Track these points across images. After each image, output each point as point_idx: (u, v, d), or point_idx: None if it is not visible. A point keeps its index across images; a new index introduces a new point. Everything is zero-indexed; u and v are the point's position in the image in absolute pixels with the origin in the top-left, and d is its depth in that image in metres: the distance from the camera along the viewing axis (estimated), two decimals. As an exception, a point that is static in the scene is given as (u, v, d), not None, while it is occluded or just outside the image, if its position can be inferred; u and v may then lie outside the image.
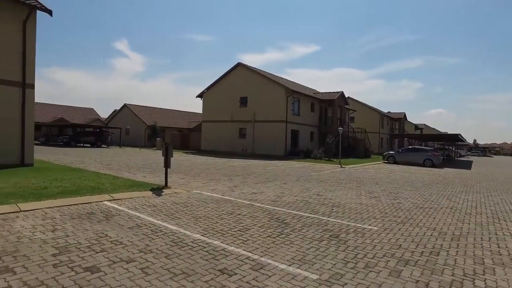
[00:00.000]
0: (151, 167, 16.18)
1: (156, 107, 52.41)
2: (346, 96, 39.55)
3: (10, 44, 12.78)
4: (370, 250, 5.18)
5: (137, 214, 6.70)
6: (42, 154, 21.48)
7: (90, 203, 7.45)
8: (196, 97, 35.82)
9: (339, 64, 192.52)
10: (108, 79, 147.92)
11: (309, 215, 7.39)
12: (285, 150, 29.86)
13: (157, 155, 26.15)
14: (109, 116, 54.92)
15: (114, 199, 7.93)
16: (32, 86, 13.43)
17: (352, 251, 5.11)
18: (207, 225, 6.14)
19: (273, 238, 5.59)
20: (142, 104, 50.37)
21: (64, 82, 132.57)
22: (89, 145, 38.54)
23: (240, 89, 32.78)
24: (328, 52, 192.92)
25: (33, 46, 13.41)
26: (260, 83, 31.68)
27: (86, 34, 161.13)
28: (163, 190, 9.39)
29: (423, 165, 26.31)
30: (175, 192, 9.29)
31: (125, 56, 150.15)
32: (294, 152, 30.44)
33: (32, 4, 13.07)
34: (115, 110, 53.29)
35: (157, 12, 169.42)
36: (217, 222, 6.38)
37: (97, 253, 4.51)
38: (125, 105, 48.32)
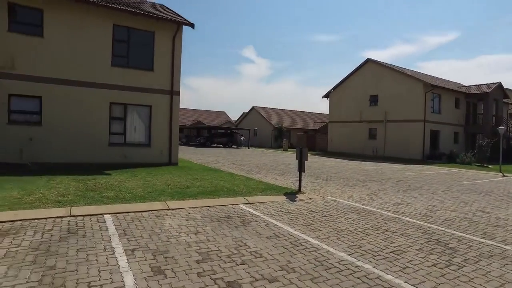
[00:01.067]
0: (280, 169, 16.18)
1: (282, 108, 53.79)
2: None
3: (165, 58, 14.51)
4: None
5: (274, 221, 6.36)
6: (184, 153, 24.14)
7: (227, 205, 7.52)
8: (323, 97, 35.05)
9: (486, 51, 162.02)
10: (236, 84, 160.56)
11: (482, 240, 5.77)
12: (422, 153, 26.34)
13: (284, 156, 26.44)
14: (238, 118, 59.08)
15: (249, 203, 7.85)
16: (177, 93, 15.00)
17: None
18: (352, 242, 5.31)
19: (441, 268, 4.39)
20: (268, 106, 52.42)
21: (200, 88, 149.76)
22: (221, 145, 42.02)
23: (369, 87, 30.52)
24: (471, 38, 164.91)
25: (179, 58, 14.94)
26: (393, 79, 28.79)
27: (217, 44, 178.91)
28: (296, 195, 8.97)
29: None
30: (310, 198, 8.73)
31: (252, 61, 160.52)
32: (434, 155, 26.57)
33: (180, 21, 14.58)
34: (244, 113, 56.97)
35: (280, 18, 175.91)
36: (363, 239, 5.49)
37: (238, 265, 4.22)
38: (253, 108, 51.08)
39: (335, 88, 33.97)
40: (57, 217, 5.98)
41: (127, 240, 4.95)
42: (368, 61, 31.10)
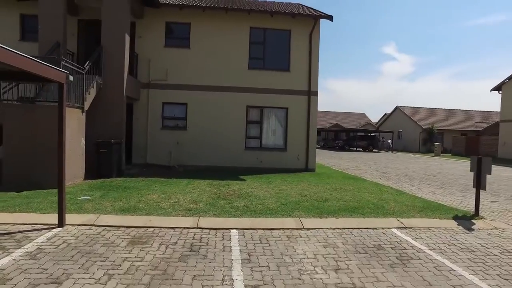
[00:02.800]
0: (436, 179, 13.18)
1: (432, 107, 46.67)
2: None
3: (301, 57, 13.68)
4: None
5: (447, 263, 4.44)
6: (321, 157, 22.92)
7: (376, 228, 5.89)
8: (491, 90, 28.33)
9: None
10: (376, 84, 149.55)
11: None
12: None
13: (437, 163, 22.25)
14: (379, 120, 54.35)
15: (405, 227, 6.01)
16: (315, 94, 13.90)
17: None
18: None
19: None
20: (415, 106, 46.24)
21: (337, 90, 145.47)
22: (361, 149, 39.07)
23: None
24: None
25: (317, 56, 13.81)
26: None
27: (355, 43, 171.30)
28: (473, 221, 6.55)
29: None
30: (496, 228, 6.22)
31: (393, 59, 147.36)
32: None
33: (316, 14, 13.48)
34: (385, 114, 52.05)
35: (426, 6, 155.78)
36: None
37: None
38: (397, 108, 45.96)
39: (511, 78, 26.95)
40: (184, 227, 5.60)
41: (251, 270, 4.01)
42: None
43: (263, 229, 5.65)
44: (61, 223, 5.55)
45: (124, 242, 4.87)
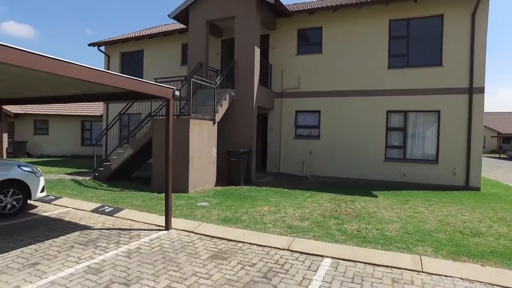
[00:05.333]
0: None
1: None
2: None
3: (459, 46, 10.96)
4: None
5: None
6: (500, 172, 17.90)
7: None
8: None
9: None
10: None
11: None
12: None
13: None
14: None
15: None
16: (481, 91, 10.86)
17: None
18: None
19: None
20: None
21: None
22: None
23: None
24: None
25: (484, 42, 10.78)
26: None
27: None
28: None
29: None
30: None
31: None
32: None
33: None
34: None
35: None
36: None
37: None
38: None
39: None
40: (273, 247, 5.06)
41: (314, 319, 3.13)
42: None
43: (364, 263, 4.51)
44: (167, 226, 5.93)
45: (207, 255, 4.74)
